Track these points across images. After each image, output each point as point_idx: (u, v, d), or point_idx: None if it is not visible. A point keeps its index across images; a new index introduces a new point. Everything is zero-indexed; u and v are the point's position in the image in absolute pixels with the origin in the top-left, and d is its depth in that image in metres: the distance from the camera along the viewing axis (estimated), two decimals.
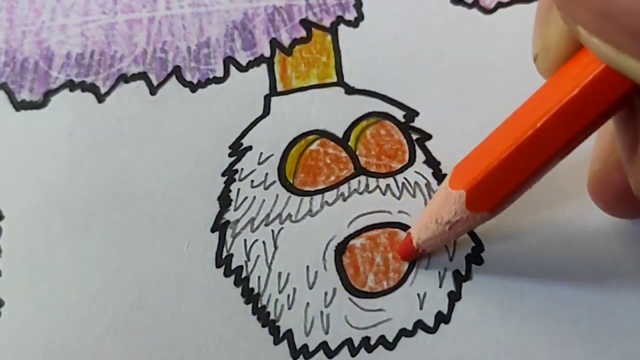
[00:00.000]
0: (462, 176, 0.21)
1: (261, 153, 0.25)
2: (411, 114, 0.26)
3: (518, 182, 0.20)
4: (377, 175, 0.25)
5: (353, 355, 0.23)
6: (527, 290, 0.24)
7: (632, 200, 0.21)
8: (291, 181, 0.25)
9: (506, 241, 0.25)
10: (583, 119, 0.18)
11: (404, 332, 0.24)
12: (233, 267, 0.24)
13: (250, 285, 0.24)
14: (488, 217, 0.21)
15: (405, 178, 0.25)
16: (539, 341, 0.23)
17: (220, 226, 0.25)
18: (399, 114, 0.26)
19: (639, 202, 0.21)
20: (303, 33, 0.27)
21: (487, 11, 0.28)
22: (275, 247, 0.24)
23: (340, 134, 0.26)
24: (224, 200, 0.25)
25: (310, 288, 0.24)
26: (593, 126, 0.18)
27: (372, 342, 0.23)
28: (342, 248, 0.24)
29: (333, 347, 0.23)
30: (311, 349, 0.23)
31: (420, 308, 0.24)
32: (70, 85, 0.26)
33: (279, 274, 0.24)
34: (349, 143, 0.26)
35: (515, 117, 0.20)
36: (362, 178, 0.25)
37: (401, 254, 0.24)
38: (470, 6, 0.28)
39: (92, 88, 0.26)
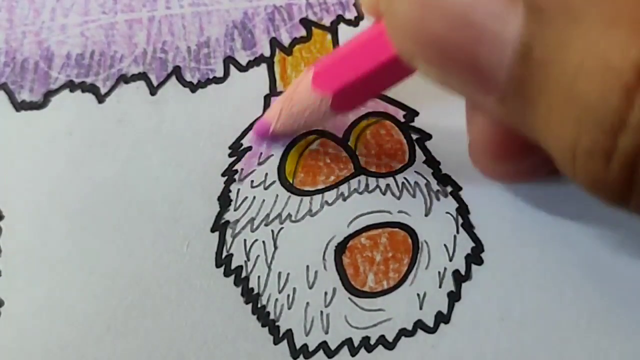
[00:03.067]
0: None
1: (261, 153, 0.25)
2: (411, 114, 0.26)
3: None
4: (377, 175, 0.25)
5: (353, 355, 0.23)
6: (527, 290, 0.24)
7: (509, 161, 0.23)
8: (291, 181, 0.25)
9: (506, 241, 0.25)
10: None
11: (403, 332, 0.24)
12: (233, 267, 0.24)
13: (250, 285, 0.24)
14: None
15: (405, 178, 0.25)
16: (539, 341, 0.23)
17: (220, 226, 0.25)
18: (399, 114, 0.26)
19: (514, 164, 0.23)
20: (303, 32, 0.27)
21: None
22: (275, 247, 0.24)
23: (340, 134, 0.26)
24: (224, 200, 0.25)
25: (310, 288, 0.24)
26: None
27: (372, 342, 0.23)
28: (342, 248, 0.24)
29: (333, 346, 0.23)
30: (311, 348, 0.23)
31: (420, 308, 0.24)
32: (71, 85, 0.26)
33: (279, 273, 0.24)
34: (349, 143, 0.26)
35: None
36: (362, 178, 0.25)
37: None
38: None
39: (92, 88, 0.26)
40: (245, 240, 0.24)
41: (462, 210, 0.25)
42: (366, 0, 0.21)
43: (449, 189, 0.25)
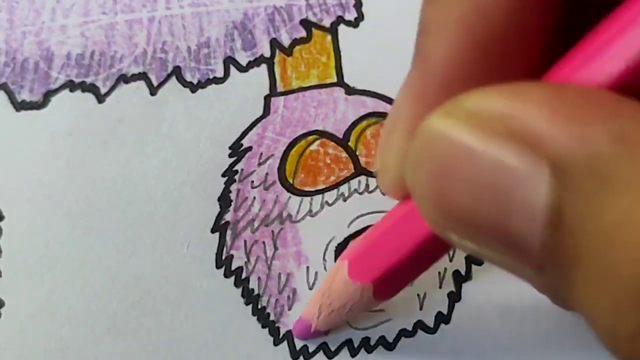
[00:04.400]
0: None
1: (261, 153, 0.25)
2: None
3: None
4: None
5: (353, 356, 0.23)
6: (527, 290, 0.24)
7: None
8: (291, 181, 0.25)
9: None
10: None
11: (404, 333, 0.24)
12: (233, 267, 0.24)
13: (251, 286, 0.24)
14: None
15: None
16: (539, 342, 0.23)
17: (220, 227, 0.25)
18: None
19: None
20: (303, 33, 0.27)
21: None
22: (275, 248, 0.24)
23: (340, 134, 0.26)
24: (224, 200, 0.25)
25: (311, 289, 0.24)
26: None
27: (372, 342, 0.23)
28: (342, 248, 0.24)
29: (333, 347, 0.23)
30: (311, 349, 0.23)
31: (420, 308, 0.24)
32: (71, 85, 0.26)
33: (279, 274, 0.24)
34: (349, 143, 0.26)
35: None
36: (363, 178, 0.25)
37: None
38: None
39: (92, 88, 0.26)
40: (245, 241, 0.24)
41: None
42: (385, 183, 0.20)
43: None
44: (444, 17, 0.17)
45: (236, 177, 0.25)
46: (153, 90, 0.26)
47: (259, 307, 0.24)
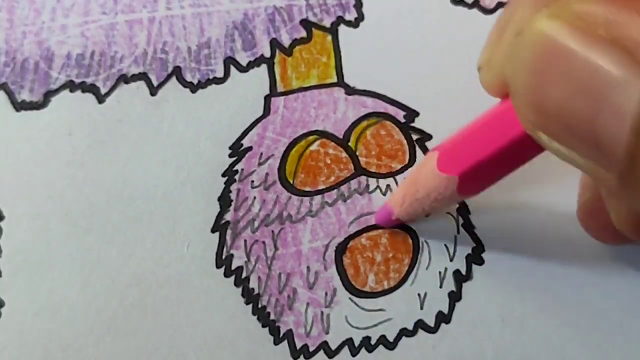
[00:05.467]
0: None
1: (261, 153, 0.25)
2: (411, 114, 0.26)
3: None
4: (377, 176, 0.25)
5: (354, 355, 0.23)
6: (527, 290, 0.24)
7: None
8: (291, 181, 0.25)
9: (506, 241, 0.25)
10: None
11: (404, 332, 0.24)
12: (233, 267, 0.24)
13: (251, 286, 0.24)
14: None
15: (405, 178, 0.25)
16: (539, 341, 0.23)
17: (220, 226, 0.25)
18: (399, 115, 0.26)
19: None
20: (303, 33, 0.27)
21: (487, 11, 0.28)
22: (276, 248, 0.24)
23: (340, 135, 0.26)
24: (224, 200, 0.25)
25: (311, 288, 0.24)
26: None
27: (373, 342, 0.23)
28: (342, 248, 0.24)
29: (333, 347, 0.23)
30: (311, 349, 0.23)
31: (421, 308, 0.24)
32: (71, 85, 0.26)
33: (279, 274, 0.24)
34: (349, 143, 0.26)
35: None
36: (362, 178, 0.25)
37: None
38: (470, 6, 0.28)
39: (92, 88, 0.26)
40: (245, 241, 0.24)
41: (463, 210, 0.25)
42: (487, 80, 0.20)
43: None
44: None
45: (236, 177, 0.25)
46: (153, 91, 0.26)
47: (259, 306, 0.24)
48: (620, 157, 0.14)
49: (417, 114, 0.26)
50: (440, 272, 0.24)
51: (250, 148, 0.26)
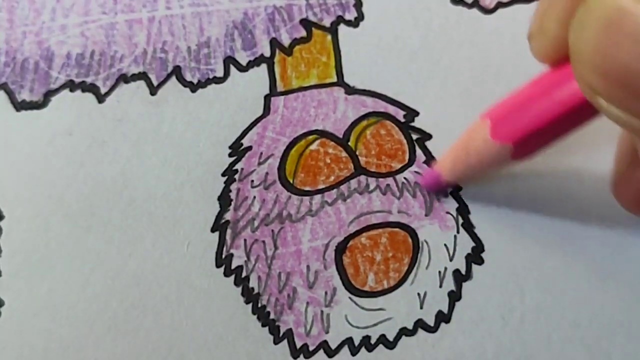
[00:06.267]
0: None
1: (261, 153, 0.25)
2: (411, 114, 0.26)
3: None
4: (377, 175, 0.25)
5: (353, 355, 0.23)
6: (527, 290, 0.24)
7: None
8: (291, 181, 0.25)
9: (506, 241, 0.25)
10: None
11: (404, 332, 0.24)
12: (233, 266, 0.24)
13: (251, 285, 0.24)
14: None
15: (405, 178, 0.25)
16: (539, 341, 0.23)
17: (220, 226, 0.25)
18: (399, 114, 0.26)
19: None
20: (303, 33, 0.27)
21: (487, 11, 0.28)
22: (275, 247, 0.24)
23: (340, 134, 0.26)
24: (224, 200, 0.25)
25: (311, 288, 0.24)
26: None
27: (373, 341, 0.23)
28: (342, 248, 0.24)
29: (333, 346, 0.23)
30: (311, 348, 0.23)
31: (421, 307, 0.24)
32: (71, 85, 0.26)
33: (279, 273, 0.24)
34: (349, 143, 0.26)
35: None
36: (362, 178, 0.25)
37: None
38: (470, 6, 0.28)
39: (92, 88, 0.26)
40: (245, 240, 0.24)
41: (463, 210, 0.25)
42: (540, 47, 0.20)
43: (449, 189, 0.25)
44: None
45: (236, 176, 0.25)
46: (153, 90, 0.26)
47: (259, 305, 0.24)
48: None
49: (417, 113, 0.26)
50: (440, 272, 0.24)
51: (250, 147, 0.26)
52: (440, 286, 0.24)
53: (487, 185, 0.25)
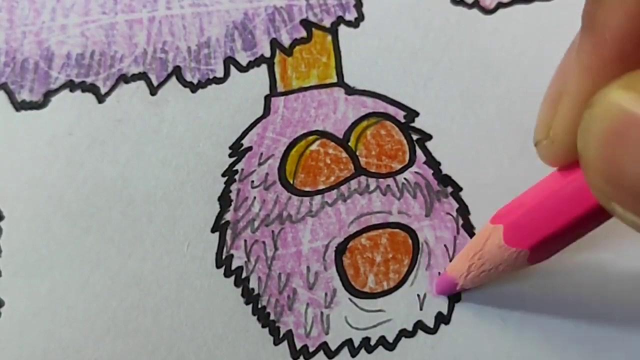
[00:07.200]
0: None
1: (261, 153, 0.25)
2: (411, 114, 0.26)
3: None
4: (377, 176, 0.25)
5: (353, 356, 0.23)
6: (527, 291, 0.24)
7: None
8: (291, 181, 0.25)
9: None
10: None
11: (404, 333, 0.24)
12: (233, 267, 0.24)
13: (251, 286, 0.24)
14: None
15: (405, 178, 0.25)
16: (539, 342, 0.23)
17: (220, 226, 0.25)
18: (399, 115, 0.26)
19: None
20: (303, 33, 0.27)
21: (487, 11, 0.28)
22: (276, 248, 0.24)
23: (340, 135, 0.26)
24: (224, 200, 0.25)
25: (311, 289, 0.24)
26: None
27: (372, 342, 0.23)
28: (342, 248, 0.24)
29: (333, 347, 0.23)
30: (311, 349, 0.23)
31: (421, 309, 0.24)
32: (71, 85, 0.26)
33: (279, 274, 0.24)
34: (349, 143, 0.26)
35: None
36: (362, 178, 0.25)
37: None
38: (470, 6, 0.28)
39: (92, 88, 0.26)
40: (245, 241, 0.24)
41: (463, 211, 0.25)
42: (549, 154, 0.20)
43: (450, 189, 0.25)
44: None
45: (236, 177, 0.25)
46: (153, 90, 0.26)
47: (259, 306, 0.24)
48: None
49: (417, 114, 0.26)
50: (439, 273, 0.24)
51: (250, 148, 0.26)
52: None
53: (487, 187, 0.25)
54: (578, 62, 0.18)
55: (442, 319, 0.24)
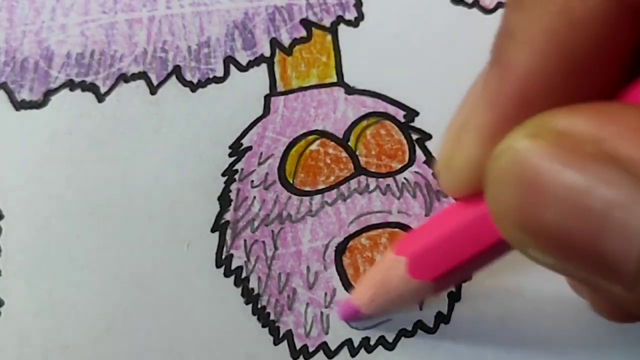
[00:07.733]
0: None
1: (261, 153, 0.25)
2: (411, 114, 0.26)
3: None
4: (377, 175, 0.25)
5: (353, 356, 0.23)
6: (527, 290, 0.24)
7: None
8: (291, 181, 0.25)
9: None
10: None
11: (403, 333, 0.24)
12: (233, 267, 0.24)
13: (250, 286, 0.24)
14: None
15: (405, 178, 0.25)
16: (539, 341, 0.23)
17: (220, 226, 0.25)
18: (399, 114, 0.26)
19: None
20: (303, 33, 0.27)
21: (488, 11, 0.28)
22: (275, 248, 0.24)
23: (340, 134, 0.26)
24: (224, 200, 0.25)
25: (311, 288, 0.24)
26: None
27: (372, 342, 0.23)
28: (342, 248, 0.24)
29: (333, 347, 0.23)
30: (311, 349, 0.23)
31: (420, 308, 0.24)
32: (70, 84, 0.26)
33: (279, 274, 0.24)
34: (349, 143, 0.26)
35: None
36: (362, 178, 0.25)
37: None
38: (470, 6, 0.28)
39: (92, 88, 0.26)
40: (245, 241, 0.24)
41: None
42: (448, 184, 0.19)
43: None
44: (532, 25, 0.16)
45: (236, 176, 0.25)
46: (153, 90, 0.26)
47: (259, 306, 0.24)
48: (631, 275, 0.13)
49: (417, 113, 0.26)
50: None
51: (250, 147, 0.26)
52: None
53: None
54: (483, 97, 0.17)
55: (442, 318, 0.24)
